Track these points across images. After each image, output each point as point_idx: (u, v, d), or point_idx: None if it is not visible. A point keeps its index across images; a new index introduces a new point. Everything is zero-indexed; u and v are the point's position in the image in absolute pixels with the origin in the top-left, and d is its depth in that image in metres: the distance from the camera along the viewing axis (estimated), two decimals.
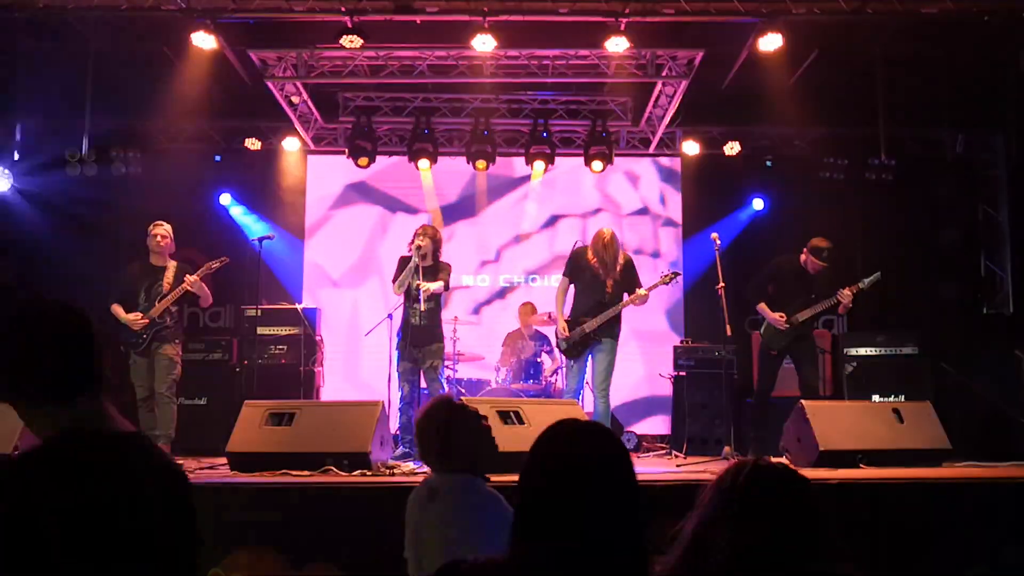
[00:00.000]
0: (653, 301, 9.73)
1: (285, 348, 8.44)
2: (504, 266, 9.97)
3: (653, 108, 9.35)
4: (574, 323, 6.67)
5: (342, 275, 9.93)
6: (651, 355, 9.70)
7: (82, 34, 8.00)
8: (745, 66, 8.18)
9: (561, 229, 10.00)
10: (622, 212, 10.11)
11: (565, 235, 9.78)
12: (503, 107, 9.76)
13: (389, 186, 10.04)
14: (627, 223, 10.03)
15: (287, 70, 8.48)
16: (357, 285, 9.89)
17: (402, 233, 8.70)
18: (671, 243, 10.05)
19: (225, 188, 9.69)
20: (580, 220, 10.03)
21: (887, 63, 8.32)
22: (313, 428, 5.20)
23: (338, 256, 9.96)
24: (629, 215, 10.11)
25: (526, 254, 10.01)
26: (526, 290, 9.82)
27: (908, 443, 5.64)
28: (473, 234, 10.01)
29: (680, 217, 10.05)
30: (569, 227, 9.96)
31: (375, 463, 5.11)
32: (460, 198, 10.09)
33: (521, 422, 5.17)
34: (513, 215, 10.11)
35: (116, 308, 6.57)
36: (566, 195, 10.11)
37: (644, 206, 10.15)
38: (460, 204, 10.06)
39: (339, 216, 10.02)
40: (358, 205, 10.04)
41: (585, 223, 9.97)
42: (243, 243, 8.89)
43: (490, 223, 10.07)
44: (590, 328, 6.57)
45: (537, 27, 7.72)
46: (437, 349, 6.81)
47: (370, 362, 9.13)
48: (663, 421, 9.25)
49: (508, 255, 10.03)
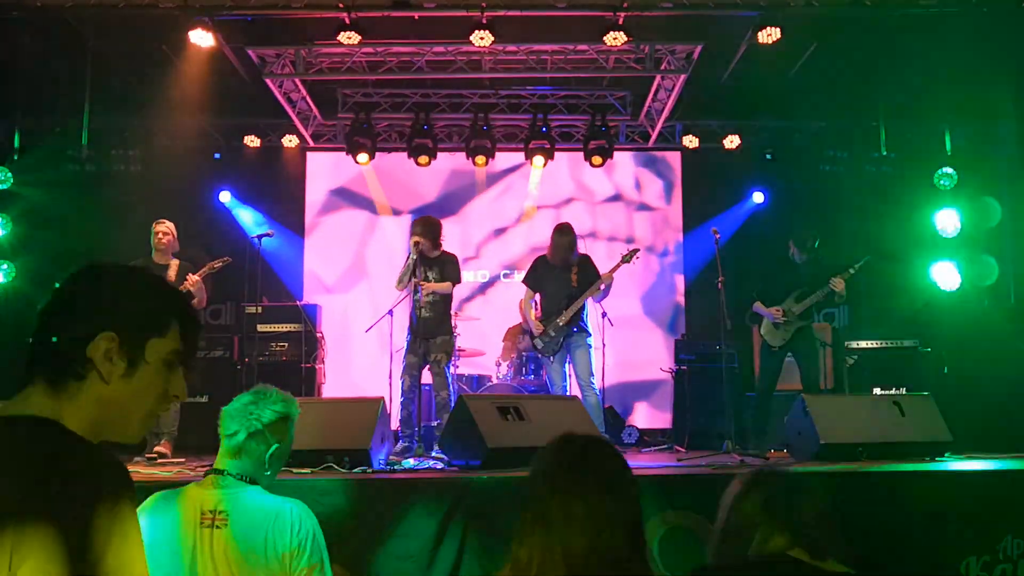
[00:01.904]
0: (654, 295, 9.82)
1: (286, 345, 8.44)
2: (484, 262, 9.95)
3: (652, 102, 9.34)
4: (546, 322, 6.88)
5: (342, 273, 9.93)
6: (652, 349, 9.71)
7: (80, 32, 7.99)
8: (744, 59, 8.17)
9: (537, 220, 10.02)
10: (595, 199, 10.09)
11: (541, 226, 9.81)
12: (502, 102, 9.75)
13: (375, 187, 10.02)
14: (605, 210, 10.03)
15: (285, 67, 8.47)
16: (355, 285, 9.89)
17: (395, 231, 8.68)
18: (671, 237, 10.04)
19: (225, 186, 9.68)
20: (554, 211, 10.03)
21: (886, 55, 8.29)
22: (313, 425, 5.17)
23: (336, 252, 9.96)
24: (601, 202, 10.09)
25: (504, 248, 9.98)
26: (504, 285, 9.84)
27: (909, 435, 5.62)
28: (455, 232, 9.94)
29: (680, 211, 10.04)
30: (545, 218, 9.98)
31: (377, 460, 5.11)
32: (440, 197, 10.04)
33: (521, 418, 5.16)
34: (493, 210, 10.09)
35: None
36: (546, 186, 10.07)
37: (617, 192, 10.11)
38: (441, 203, 9.95)
39: (336, 214, 10.02)
40: (348, 208, 10.05)
41: (558, 213, 9.98)
42: (243, 241, 8.90)
43: (472, 220, 10.04)
44: (563, 320, 6.77)
45: (535, 22, 7.72)
46: (443, 343, 6.80)
47: (371, 359, 9.15)
48: (665, 416, 9.25)
49: (487, 251, 10.02)
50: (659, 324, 9.86)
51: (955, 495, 4.47)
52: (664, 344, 9.65)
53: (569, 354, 6.87)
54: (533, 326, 6.97)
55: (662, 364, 9.03)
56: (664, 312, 9.90)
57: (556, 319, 6.82)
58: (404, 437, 6.58)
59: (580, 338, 6.84)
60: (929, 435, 5.67)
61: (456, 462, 5.30)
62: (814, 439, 5.49)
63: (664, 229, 10.07)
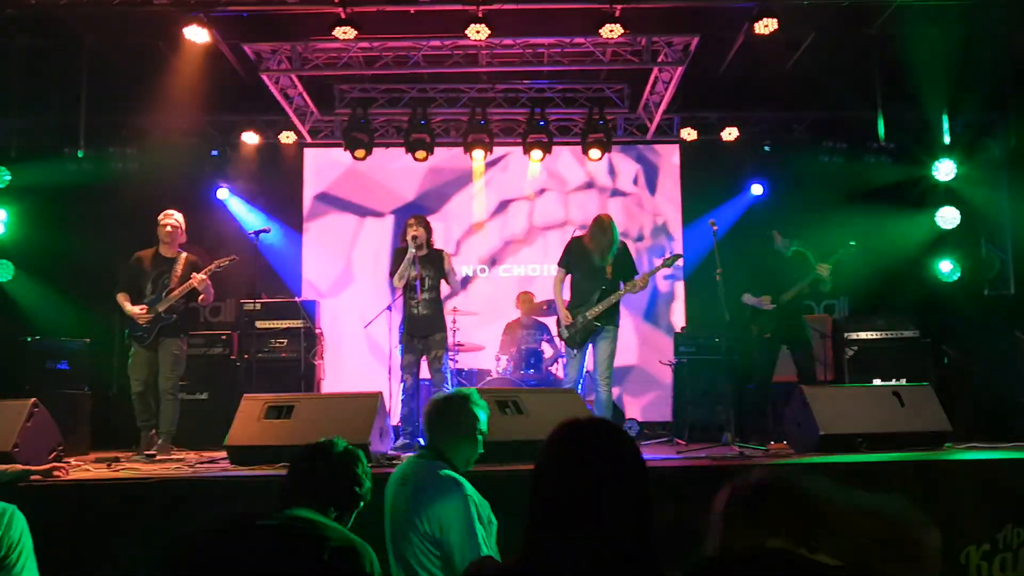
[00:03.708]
0: (653, 287, 9.80)
1: (285, 342, 8.44)
2: (463, 258, 9.89)
3: (650, 95, 9.32)
4: (575, 312, 6.65)
5: (341, 269, 9.92)
6: (652, 342, 9.71)
7: (75, 30, 7.97)
8: (741, 51, 8.15)
9: (510, 213, 10.01)
10: (567, 188, 10.07)
11: (514, 219, 9.96)
12: (499, 97, 9.72)
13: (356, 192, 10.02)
14: (604, 202, 10.01)
15: (282, 63, 8.46)
16: (353, 281, 9.89)
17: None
18: (671, 229, 10.02)
19: (222, 182, 9.66)
20: (527, 203, 10.02)
21: (884, 45, 8.27)
22: (311, 421, 5.19)
23: (333, 249, 9.96)
24: (573, 191, 10.06)
25: (481, 243, 9.94)
26: (480, 280, 9.85)
27: (908, 426, 5.63)
28: (436, 231, 9.94)
29: (679, 204, 10.03)
30: (517, 210, 9.99)
31: (375, 455, 5.11)
32: (418, 196, 9.99)
33: (519, 411, 5.16)
34: (471, 206, 10.05)
35: (122, 298, 6.55)
36: (519, 180, 10.05)
37: (589, 180, 10.08)
38: (418, 202, 9.87)
39: (330, 212, 10.03)
40: (336, 211, 10.04)
41: (532, 204, 9.99)
42: (242, 238, 8.91)
43: (451, 217, 9.99)
44: (593, 315, 6.55)
45: (531, 15, 7.70)
46: (440, 339, 6.79)
47: (371, 354, 9.15)
48: (664, 409, 9.24)
49: (465, 246, 9.99)
50: (659, 317, 9.86)
51: (954, 485, 4.47)
52: (663, 337, 9.64)
53: (593, 345, 6.67)
54: (562, 314, 6.71)
55: (661, 357, 9.02)
56: (663, 305, 9.89)
57: (585, 311, 6.57)
58: (404, 434, 6.58)
59: (608, 332, 6.58)
60: (929, 425, 5.68)
61: None
62: (813, 430, 5.49)
63: (663, 222, 10.05)
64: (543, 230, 9.99)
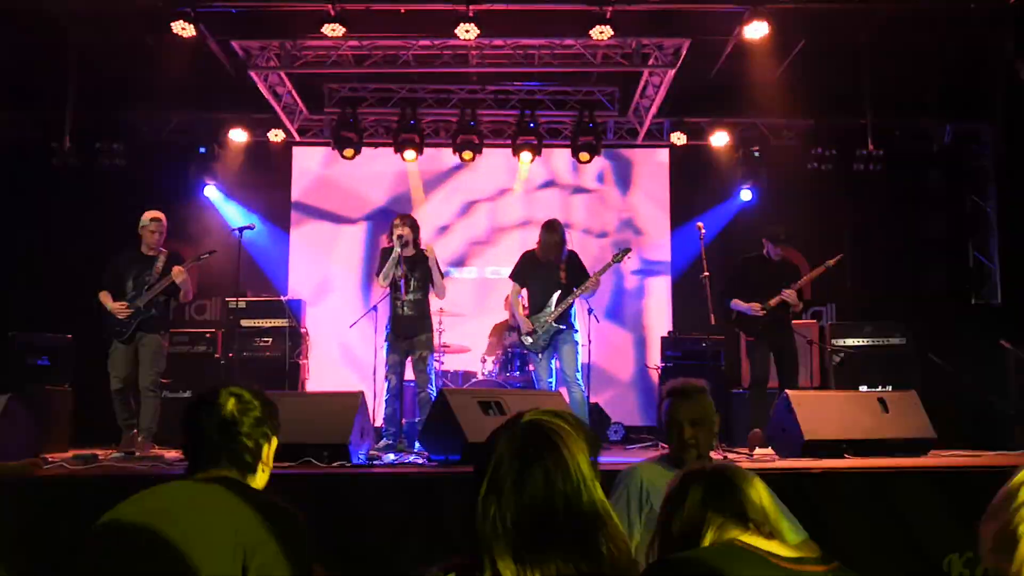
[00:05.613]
0: (641, 292, 9.79)
1: (270, 340, 8.38)
2: (462, 259, 9.86)
3: (640, 98, 9.30)
4: (534, 319, 6.79)
5: (326, 271, 9.87)
6: (638, 347, 9.68)
7: (62, 26, 7.91)
8: (732, 56, 8.14)
9: (476, 215, 9.98)
10: (581, 194, 10.05)
11: (480, 221, 9.94)
12: (489, 98, 9.69)
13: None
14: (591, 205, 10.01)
15: (270, 60, 8.41)
16: (338, 282, 9.84)
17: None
18: (660, 234, 9.99)
19: (209, 179, 9.59)
20: (491, 203, 9.98)
21: (874, 53, 8.28)
22: (292, 419, 5.08)
23: (319, 249, 9.91)
24: (588, 198, 10.03)
25: (446, 247, 9.73)
26: (449, 282, 9.75)
27: (893, 432, 5.61)
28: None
29: (668, 208, 10.00)
30: (483, 211, 9.97)
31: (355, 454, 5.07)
32: (391, 200, 9.90)
33: (502, 412, 5.12)
34: (447, 208, 10.00)
35: (103, 295, 6.50)
36: (489, 180, 9.99)
37: (551, 178, 10.02)
38: (393, 205, 9.72)
39: (318, 210, 9.98)
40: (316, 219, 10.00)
41: (495, 204, 9.96)
42: (228, 235, 8.83)
43: (427, 219, 9.89)
44: (552, 319, 6.69)
45: (522, 15, 7.68)
46: (426, 340, 6.76)
47: (355, 354, 9.10)
48: (650, 413, 9.21)
49: (465, 247, 9.94)
50: (646, 321, 9.82)
51: (938, 492, 4.45)
52: (650, 341, 9.61)
53: (556, 350, 6.82)
54: (522, 323, 6.87)
55: (648, 361, 9.00)
56: (650, 309, 9.86)
57: (544, 317, 6.75)
58: (387, 435, 6.53)
59: (568, 334, 6.77)
60: (913, 432, 5.66)
61: (436, 457, 5.25)
62: (798, 436, 5.47)
63: (651, 226, 10.02)
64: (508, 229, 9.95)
